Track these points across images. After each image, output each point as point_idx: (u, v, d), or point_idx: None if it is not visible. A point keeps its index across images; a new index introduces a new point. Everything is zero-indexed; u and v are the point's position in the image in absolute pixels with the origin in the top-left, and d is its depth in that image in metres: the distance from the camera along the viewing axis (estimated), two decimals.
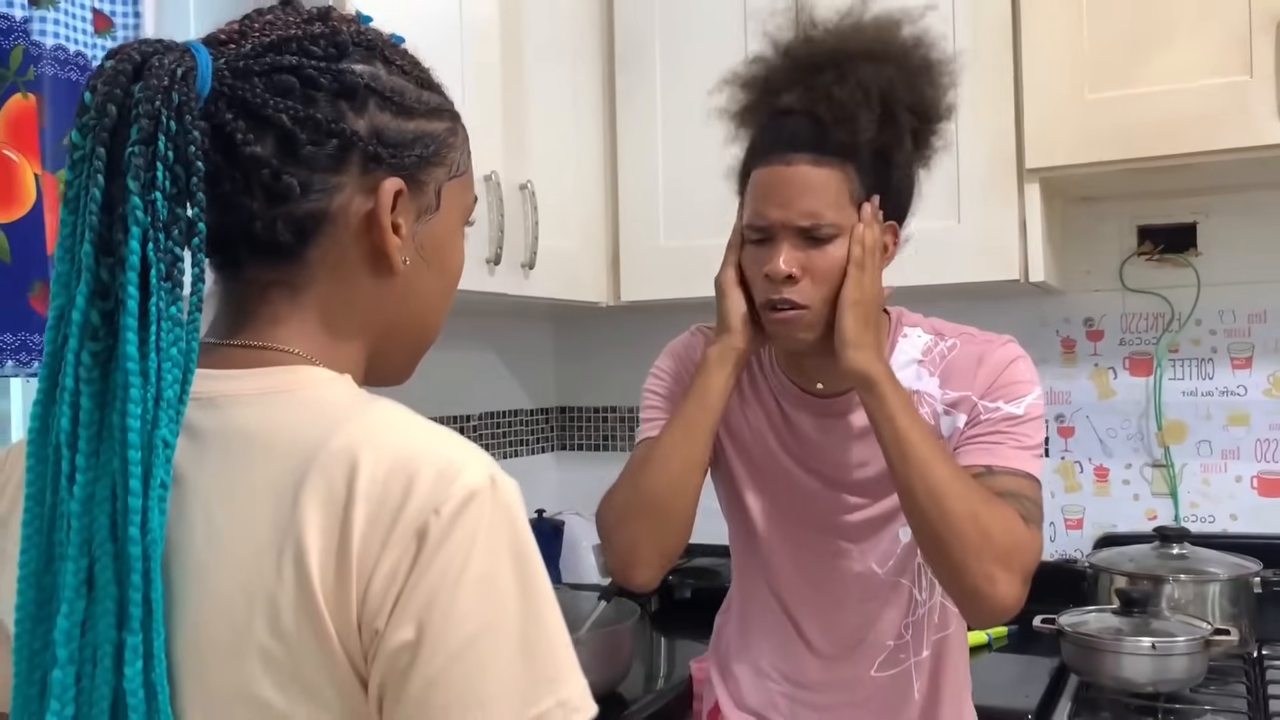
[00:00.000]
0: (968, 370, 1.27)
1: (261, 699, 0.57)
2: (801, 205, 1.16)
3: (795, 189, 1.17)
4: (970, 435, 1.23)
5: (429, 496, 0.58)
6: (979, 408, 1.24)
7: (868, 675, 1.30)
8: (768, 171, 1.19)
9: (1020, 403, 1.24)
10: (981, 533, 1.10)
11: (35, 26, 1.37)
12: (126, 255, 0.58)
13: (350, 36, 0.68)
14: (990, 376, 1.25)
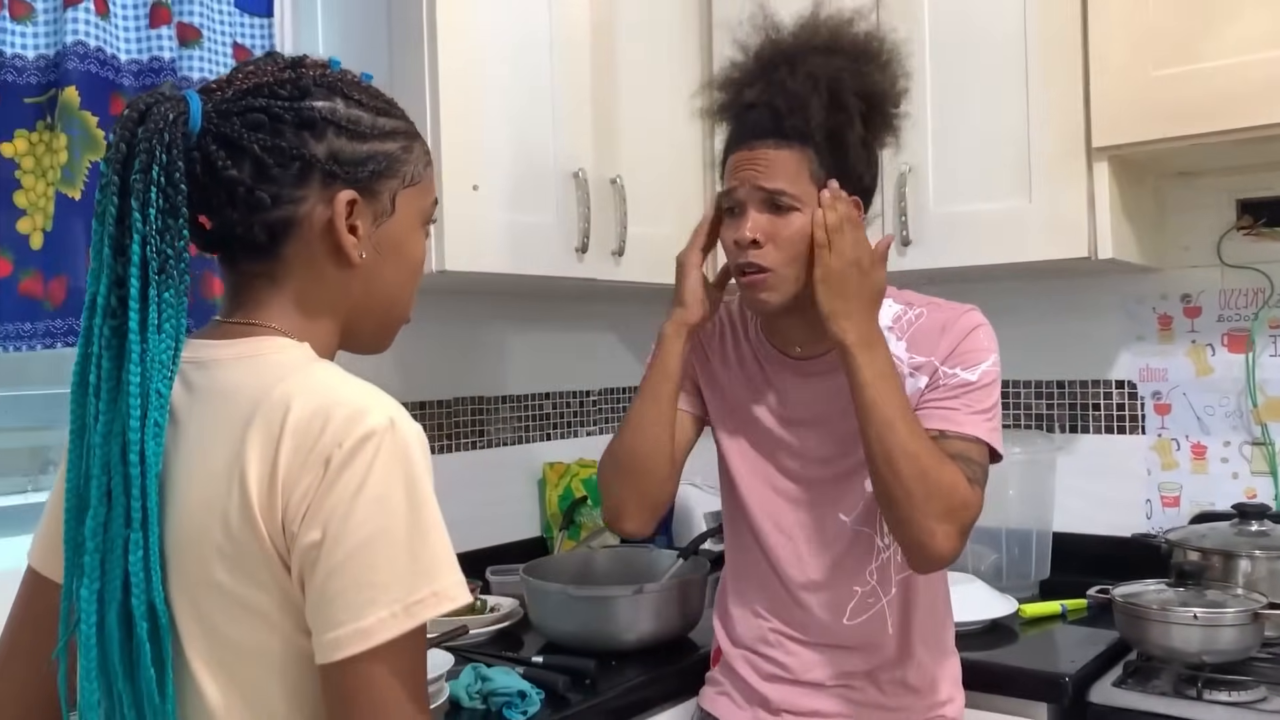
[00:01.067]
0: (931, 336, 1.39)
1: (218, 582, 0.78)
2: (764, 179, 1.33)
3: (759, 167, 1.33)
4: (929, 399, 1.36)
5: (336, 434, 0.77)
6: (940, 373, 1.37)
7: (842, 622, 1.42)
8: (736, 156, 1.36)
9: (975, 369, 1.36)
10: (927, 491, 1.22)
11: (183, 64, 1.66)
12: (132, 253, 0.79)
13: (314, 79, 0.87)
14: (952, 343, 1.38)
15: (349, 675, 0.75)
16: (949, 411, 1.34)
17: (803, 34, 1.38)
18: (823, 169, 1.33)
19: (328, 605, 0.75)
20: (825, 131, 1.32)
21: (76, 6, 1.51)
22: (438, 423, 2.16)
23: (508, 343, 2.34)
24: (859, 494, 1.41)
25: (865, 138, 1.36)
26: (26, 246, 1.51)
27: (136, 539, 0.77)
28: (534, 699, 1.48)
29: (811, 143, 1.32)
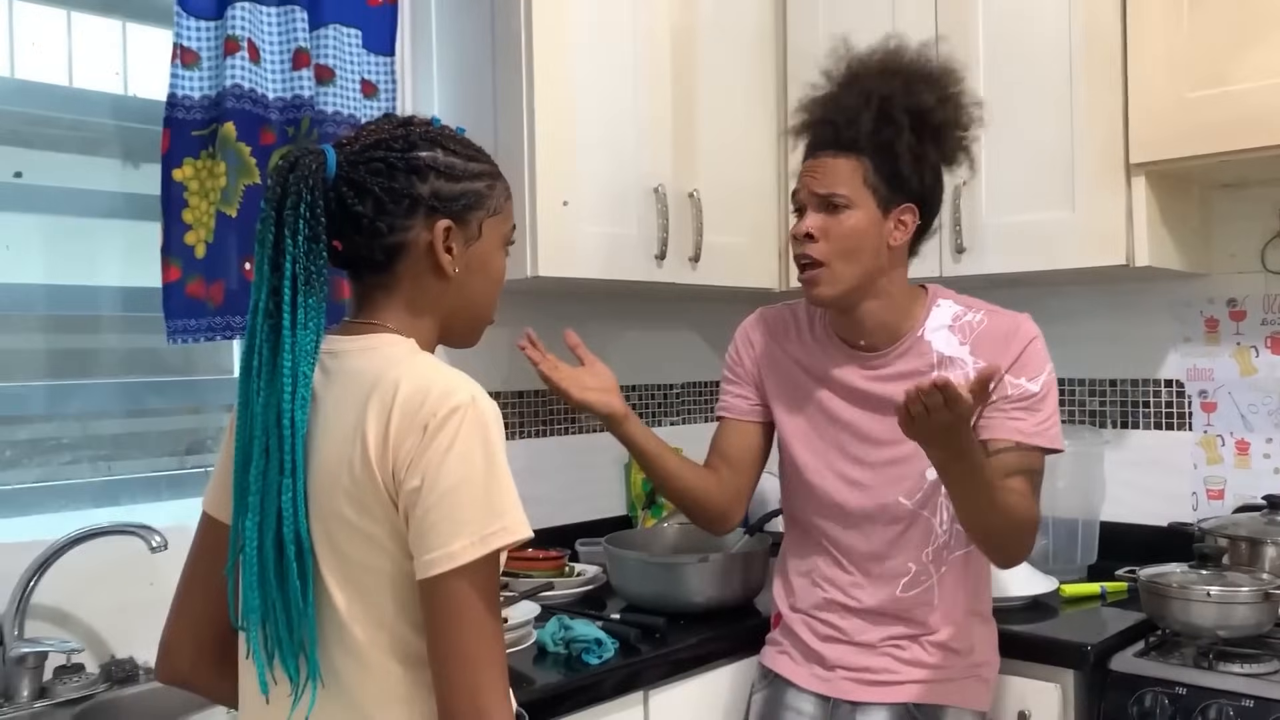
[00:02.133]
0: (996, 343, 1.58)
1: (345, 516, 1.03)
2: (819, 185, 1.56)
3: (818, 174, 1.57)
4: (1000, 407, 1.54)
5: (432, 406, 1.01)
6: (1007, 382, 1.54)
7: (895, 595, 1.61)
8: (804, 165, 1.60)
9: (1037, 380, 1.56)
10: (1016, 539, 1.51)
11: (320, 100, 1.95)
12: (284, 270, 1.05)
13: (419, 135, 1.12)
14: (1015, 353, 1.57)
15: (439, 588, 1.00)
16: (1019, 424, 1.54)
17: (866, 58, 1.61)
18: (877, 175, 1.55)
19: (424, 535, 1.00)
20: (875, 142, 1.54)
21: (234, 55, 1.80)
22: (535, 410, 2.42)
23: (599, 339, 2.55)
24: (919, 479, 1.60)
25: (916, 149, 1.56)
26: (192, 256, 1.82)
27: (287, 484, 1.03)
28: (609, 647, 1.72)
29: (864, 152, 1.55)
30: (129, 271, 1.91)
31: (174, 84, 1.79)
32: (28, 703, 1.56)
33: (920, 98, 1.55)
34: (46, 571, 1.62)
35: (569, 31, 2.01)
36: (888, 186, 1.55)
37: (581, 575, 2.12)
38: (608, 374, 1.70)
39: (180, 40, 1.80)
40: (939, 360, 1.59)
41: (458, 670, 1.00)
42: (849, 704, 1.64)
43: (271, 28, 1.87)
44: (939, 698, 1.61)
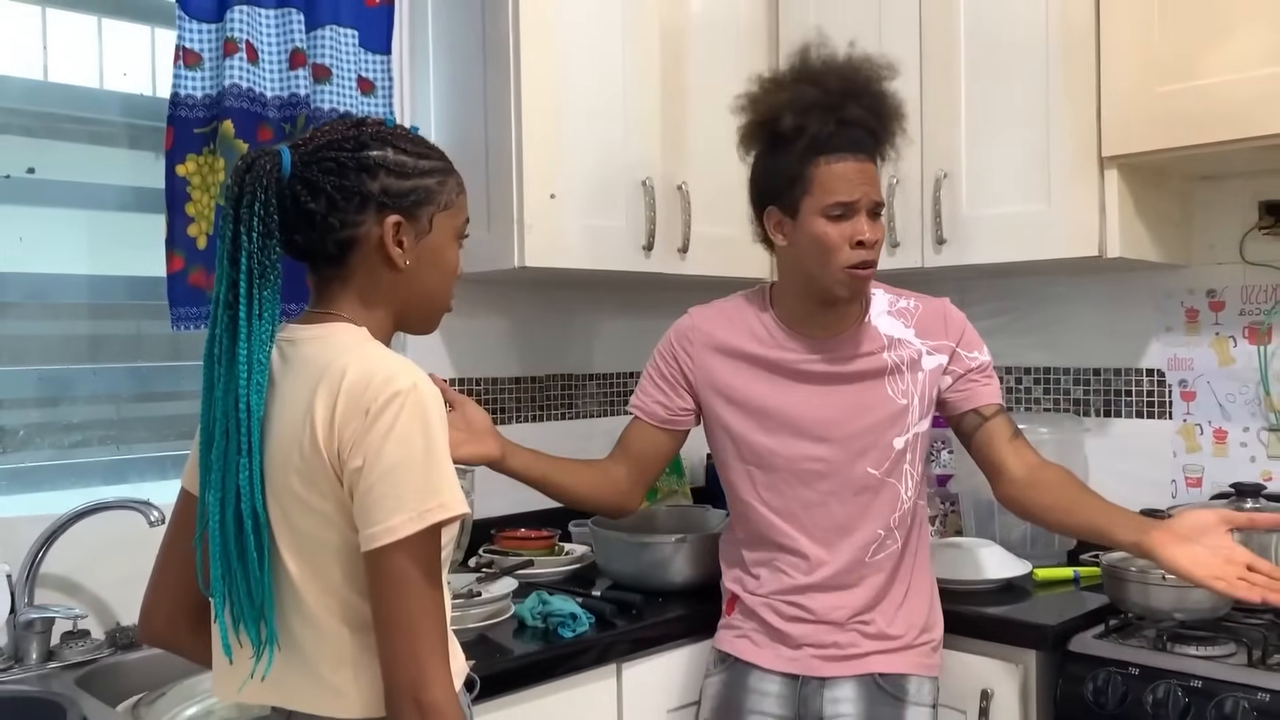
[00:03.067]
0: (935, 325, 1.72)
1: (296, 491, 1.12)
2: (875, 193, 1.64)
3: (870, 180, 1.64)
4: (971, 378, 1.71)
5: (374, 392, 1.09)
6: (960, 354, 1.70)
7: (863, 560, 1.69)
8: (846, 166, 1.62)
9: (984, 350, 1.74)
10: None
11: (317, 98, 2.04)
12: (240, 264, 1.13)
13: (370, 134, 1.20)
14: (958, 330, 1.72)
15: (381, 560, 1.08)
16: (991, 388, 1.74)
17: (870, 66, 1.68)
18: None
19: (366, 511, 1.08)
20: (892, 146, 1.69)
21: (233, 55, 1.90)
22: (531, 396, 2.50)
23: (595, 327, 2.66)
24: (886, 449, 1.69)
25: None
26: (194, 247, 1.92)
27: (244, 462, 1.12)
28: (584, 621, 1.80)
29: (882, 158, 1.69)
30: (136, 261, 2.02)
31: (176, 83, 1.89)
32: (37, 665, 1.68)
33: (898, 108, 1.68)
34: (55, 543, 1.73)
35: (557, 27, 2.08)
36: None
37: (570, 554, 2.20)
38: (480, 416, 1.73)
39: (182, 42, 1.89)
40: (888, 342, 1.70)
41: (399, 637, 1.09)
42: (817, 680, 1.71)
43: (270, 29, 1.96)
44: (902, 667, 1.68)
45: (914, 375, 1.72)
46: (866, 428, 1.70)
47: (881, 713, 1.67)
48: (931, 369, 1.72)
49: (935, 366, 1.72)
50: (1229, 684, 1.60)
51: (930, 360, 1.71)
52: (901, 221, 2.25)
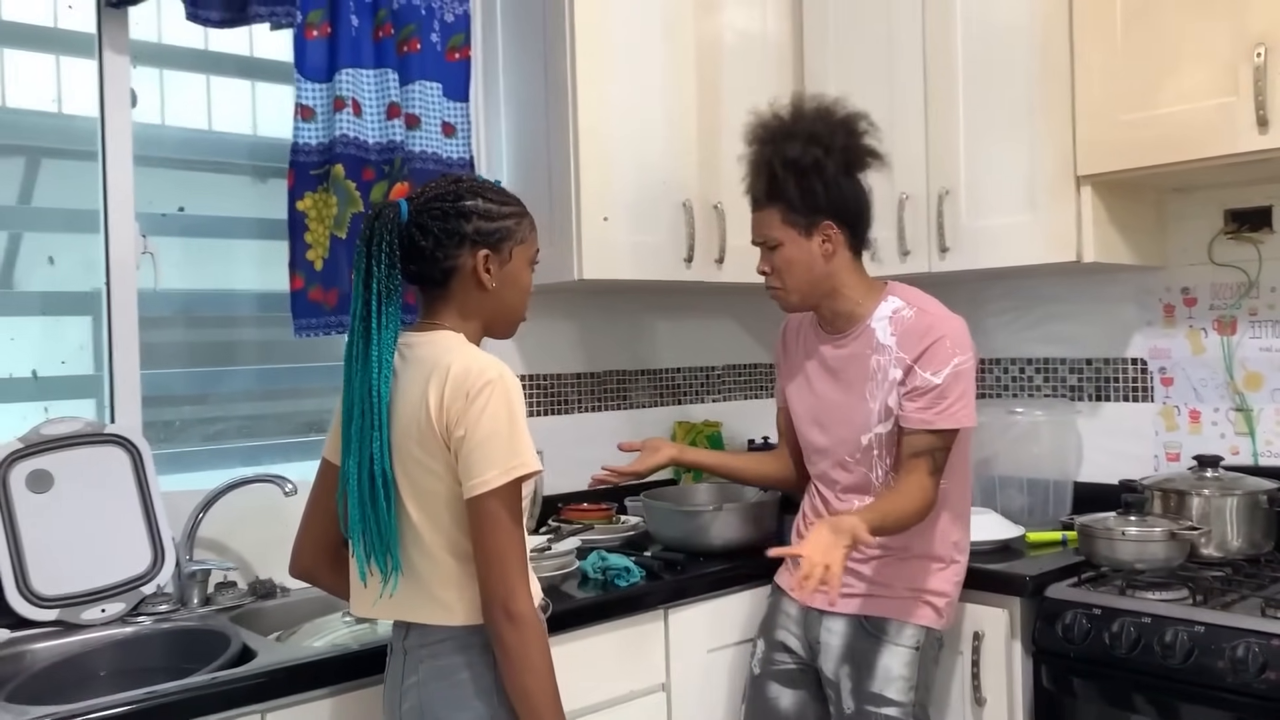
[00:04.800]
0: (914, 338, 1.99)
1: (415, 456, 1.49)
2: (758, 232, 2.04)
3: (755, 224, 2.05)
4: (911, 403, 1.95)
5: (473, 380, 1.46)
6: (914, 373, 1.96)
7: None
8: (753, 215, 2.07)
9: (940, 374, 1.94)
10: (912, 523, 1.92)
11: (410, 143, 2.43)
12: (372, 288, 1.52)
13: (466, 188, 1.58)
14: (923, 348, 1.96)
15: (478, 505, 1.45)
16: (924, 414, 1.93)
17: (751, 133, 2.07)
18: (790, 214, 2.00)
19: (468, 468, 1.46)
20: (775, 193, 2.01)
21: (341, 110, 2.30)
22: (590, 389, 2.88)
23: (647, 329, 3.03)
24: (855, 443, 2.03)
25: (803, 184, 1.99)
26: (312, 269, 2.32)
27: (376, 435, 1.50)
28: (636, 574, 2.17)
29: (773, 202, 2.01)
30: (265, 279, 2.43)
31: (296, 134, 2.30)
32: (197, 608, 2.09)
33: (787, 150, 1.98)
34: (208, 511, 2.15)
35: (607, 75, 2.45)
36: (803, 218, 1.98)
37: (625, 523, 2.57)
38: (654, 439, 2.25)
39: (300, 99, 2.30)
40: (875, 345, 2.01)
41: (493, 563, 1.47)
42: (817, 612, 2.07)
43: (370, 87, 2.36)
44: (885, 612, 2.01)
45: (883, 383, 2.00)
46: (841, 419, 2.04)
47: (860, 645, 2.01)
48: (892, 379, 1.98)
49: (894, 378, 1.98)
50: (1173, 619, 1.91)
51: (894, 371, 1.98)
52: (911, 232, 2.58)
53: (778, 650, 2.12)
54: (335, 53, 2.31)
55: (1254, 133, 2.02)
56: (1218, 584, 2.03)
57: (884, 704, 1.97)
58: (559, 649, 1.97)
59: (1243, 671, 1.79)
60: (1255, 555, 2.19)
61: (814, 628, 2.07)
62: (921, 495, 1.91)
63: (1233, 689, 1.80)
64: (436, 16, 2.47)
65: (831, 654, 2.04)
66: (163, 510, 2.12)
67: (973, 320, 2.83)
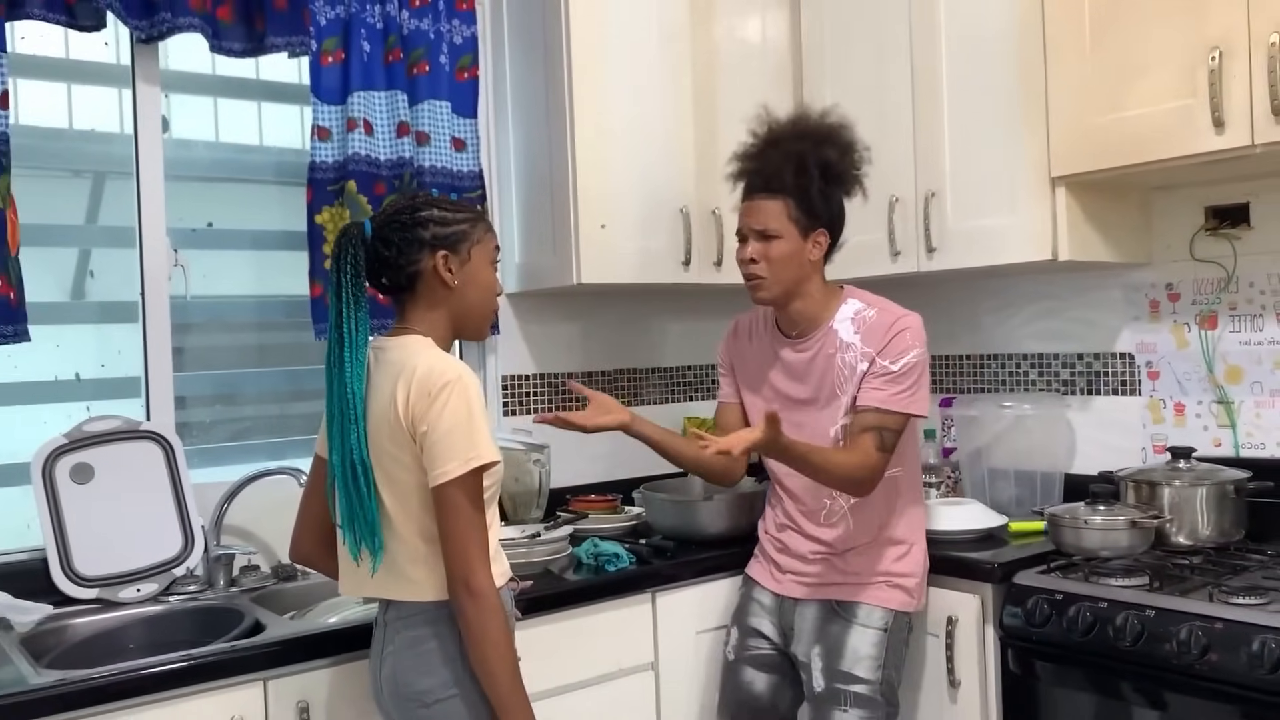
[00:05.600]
0: (877, 333, 2.11)
1: (387, 449, 1.66)
2: (755, 222, 2.10)
3: (755, 211, 2.11)
4: (869, 384, 2.08)
5: (435, 380, 1.62)
6: (876, 363, 2.09)
7: (819, 520, 2.15)
8: (743, 205, 2.16)
9: (899, 362, 2.07)
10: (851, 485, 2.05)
11: (419, 159, 2.61)
12: (343, 298, 1.68)
13: (422, 201, 1.74)
14: (885, 340, 2.09)
15: (441, 492, 1.61)
16: (878, 393, 2.07)
17: (782, 126, 2.15)
18: (797, 211, 2.09)
19: (431, 460, 1.61)
20: (794, 187, 2.09)
21: (354, 130, 2.48)
22: (602, 388, 3.03)
23: (656, 329, 3.17)
24: (825, 437, 2.13)
25: (825, 191, 2.12)
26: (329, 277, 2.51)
27: (354, 430, 1.67)
28: (625, 559, 2.32)
29: (788, 194, 2.09)
30: (289, 286, 2.63)
31: (313, 153, 2.49)
32: (223, 589, 2.29)
33: (826, 153, 2.10)
34: (233, 500, 2.36)
35: (604, 84, 2.61)
36: (806, 218, 2.08)
37: (627, 514, 2.72)
38: (608, 399, 2.26)
39: (317, 121, 2.49)
40: (840, 345, 2.12)
41: (454, 543, 1.62)
42: (791, 600, 2.19)
43: (380, 107, 2.54)
44: (853, 596, 2.13)
45: (851, 378, 2.12)
46: (810, 415, 2.15)
47: (831, 628, 2.13)
48: (860, 372, 2.10)
49: (861, 371, 2.10)
50: (1126, 604, 1.99)
51: (861, 365, 2.10)
52: (901, 233, 2.68)
53: (751, 636, 2.24)
54: (348, 77, 2.50)
55: (1211, 134, 2.08)
56: (1179, 571, 2.10)
57: (853, 681, 2.08)
58: (552, 627, 2.15)
59: (1186, 654, 1.86)
60: (1225, 544, 2.25)
61: (788, 615, 2.19)
62: (863, 459, 2.01)
63: (1177, 670, 1.88)
64: (445, 40, 2.65)
65: (804, 637, 2.16)
66: (193, 500, 2.33)
67: (969, 317, 2.97)
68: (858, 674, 2.09)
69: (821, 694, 2.11)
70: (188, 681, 1.77)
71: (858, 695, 2.08)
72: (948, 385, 3.03)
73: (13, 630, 1.99)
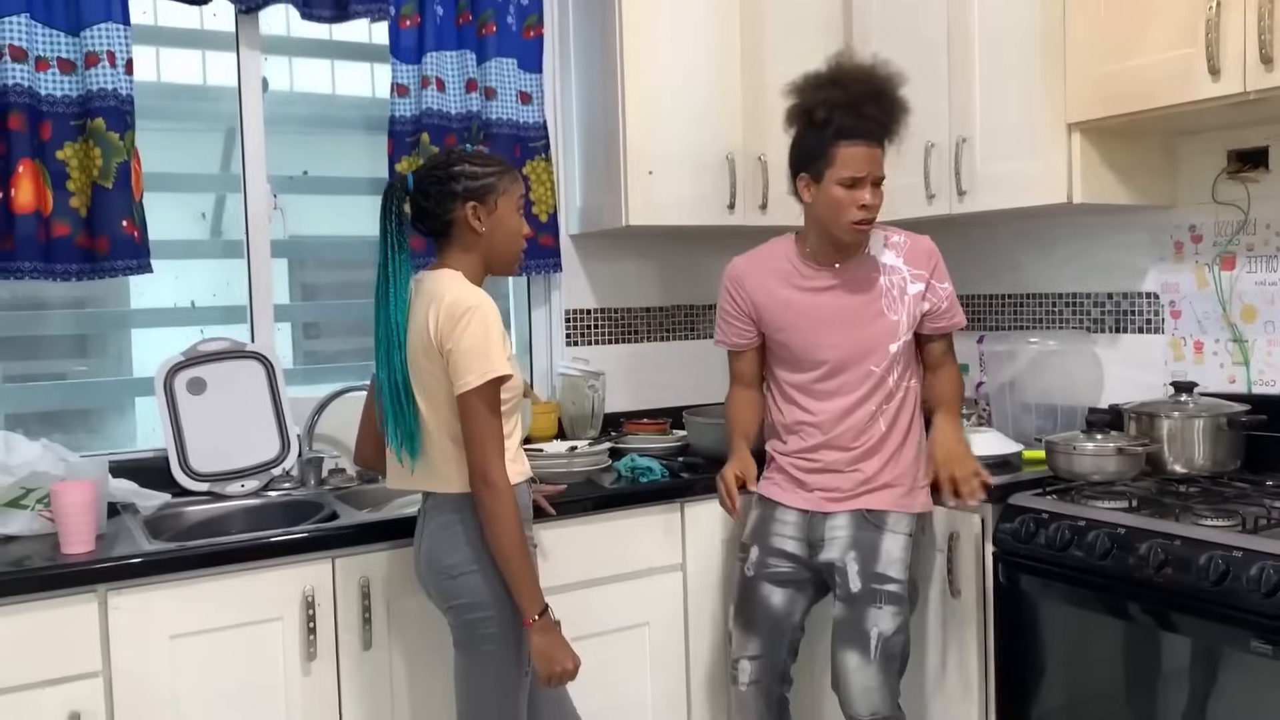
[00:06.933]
0: (920, 257, 2.35)
1: (422, 365, 1.95)
2: (878, 170, 2.27)
3: (875, 159, 2.26)
4: (936, 310, 2.34)
5: (459, 308, 1.90)
6: (933, 285, 2.33)
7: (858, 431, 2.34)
8: (857, 151, 2.24)
9: (948, 281, 2.36)
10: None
11: (486, 112, 2.90)
12: (389, 241, 1.99)
13: (456, 156, 2.02)
14: (934, 264, 2.35)
15: (463, 400, 1.90)
16: (951, 320, 2.37)
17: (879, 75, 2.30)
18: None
19: (455, 373, 1.90)
20: (896, 139, 2.30)
21: (427, 88, 2.79)
22: (660, 321, 3.29)
23: (710, 267, 3.39)
24: (884, 351, 2.32)
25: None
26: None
27: (398, 353, 1.97)
28: (657, 472, 2.59)
29: (886, 145, 2.29)
30: None
31: (392, 108, 2.80)
32: (314, 487, 2.67)
33: (907, 108, 2.28)
34: (323, 411, 2.73)
35: (654, 37, 2.83)
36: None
37: (675, 435, 2.99)
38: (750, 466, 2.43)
39: (395, 79, 2.80)
40: (884, 268, 2.33)
41: (473, 442, 1.92)
42: (821, 514, 2.40)
43: (451, 66, 2.83)
44: (884, 504, 2.32)
45: (902, 297, 2.33)
46: (866, 334, 2.32)
47: (864, 535, 2.33)
48: (914, 294, 2.32)
49: (916, 292, 2.32)
50: (1101, 523, 2.15)
51: (914, 287, 2.32)
52: (935, 177, 2.83)
53: (773, 555, 2.42)
54: (423, 38, 2.79)
55: (1208, 81, 2.17)
56: (1163, 496, 2.24)
57: (887, 581, 2.29)
58: (592, 528, 2.47)
59: (1144, 568, 2.02)
60: (1219, 473, 2.37)
61: (818, 528, 2.39)
62: (959, 377, 2.40)
63: (1138, 583, 2.04)
64: (512, 1, 2.91)
65: (837, 545, 2.34)
66: (289, 410, 2.70)
67: (1009, 256, 3.10)
68: (891, 574, 2.29)
69: (858, 594, 2.30)
70: (269, 555, 2.14)
71: (890, 594, 2.29)
72: (990, 323, 3.17)
73: (138, 514, 2.40)
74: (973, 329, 3.22)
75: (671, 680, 2.60)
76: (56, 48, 2.42)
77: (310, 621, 2.16)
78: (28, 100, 2.37)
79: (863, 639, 2.26)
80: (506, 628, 1.96)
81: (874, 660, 2.25)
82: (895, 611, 2.27)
